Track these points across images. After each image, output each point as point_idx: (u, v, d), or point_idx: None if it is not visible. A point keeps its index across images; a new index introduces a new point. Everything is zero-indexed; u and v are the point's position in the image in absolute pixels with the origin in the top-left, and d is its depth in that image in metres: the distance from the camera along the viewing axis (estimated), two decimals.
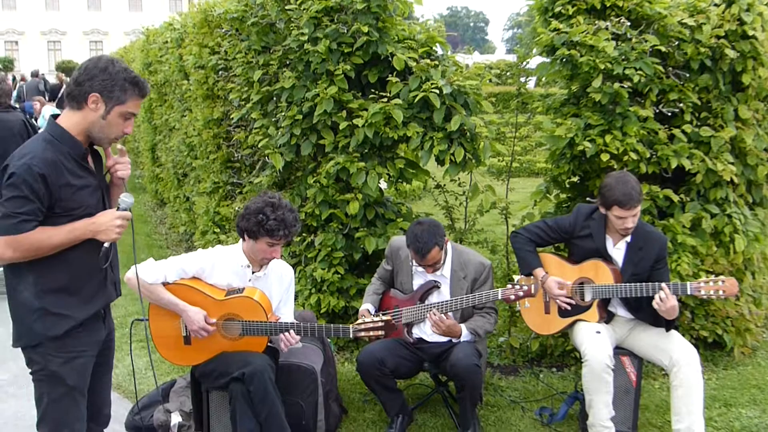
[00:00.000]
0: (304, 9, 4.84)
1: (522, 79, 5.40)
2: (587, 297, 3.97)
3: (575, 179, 4.98)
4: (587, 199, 4.68)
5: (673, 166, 4.59)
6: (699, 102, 4.76)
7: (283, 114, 5.04)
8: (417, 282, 4.16)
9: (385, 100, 4.63)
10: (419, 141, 4.62)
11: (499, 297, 3.94)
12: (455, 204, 5.46)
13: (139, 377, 4.83)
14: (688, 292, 3.69)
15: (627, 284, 3.81)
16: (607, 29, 4.53)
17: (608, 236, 3.96)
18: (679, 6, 4.77)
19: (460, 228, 5.43)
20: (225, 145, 6.53)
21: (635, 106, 4.57)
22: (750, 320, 5.10)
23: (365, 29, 4.66)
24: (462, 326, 4.01)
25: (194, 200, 7.46)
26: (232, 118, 5.97)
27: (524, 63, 5.34)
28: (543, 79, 5.15)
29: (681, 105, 4.70)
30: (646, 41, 4.54)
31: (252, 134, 5.45)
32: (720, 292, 3.67)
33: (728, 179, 4.68)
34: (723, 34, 4.65)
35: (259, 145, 5.29)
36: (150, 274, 3.52)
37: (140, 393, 4.41)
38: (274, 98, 5.28)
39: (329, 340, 4.44)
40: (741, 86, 4.81)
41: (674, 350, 3.80)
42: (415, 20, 5.46)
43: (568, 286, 3.99)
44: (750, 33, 4.63)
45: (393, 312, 4.12)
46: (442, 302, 4.03)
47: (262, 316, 3.59)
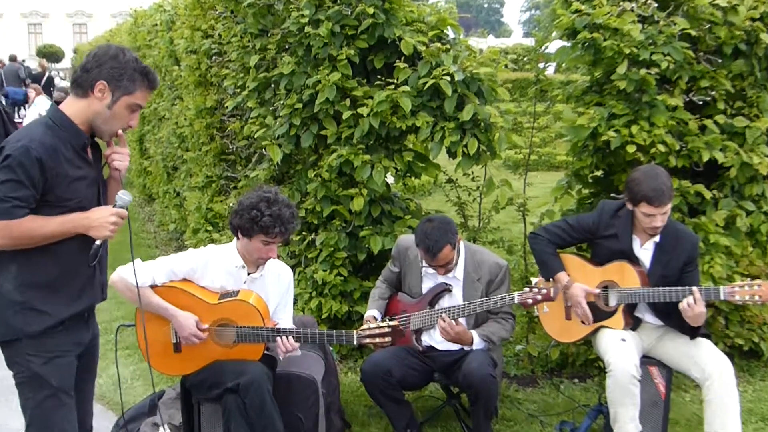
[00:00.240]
0: None
1: (540, 65, 5.41)
2: (612, 302, 3.96)
3: (599, 173, 4.97)
4: (612, 195, 4.66)
5: (705, 160, 4.58)
6: (732, 90, 4.75)
7: (282, 102, 5.05)
8: (427, 285, 4.16)
9: (392, 88, 4.63)
10: (429, 132, 4.62)
11: (516, 301, 3.92)
12: (468, 200, 5.47)
13: (125, 387, 4.85)
14: (722, 297, 3.68)
15: (655, 288, 3.81)
16: (633, 11, 4.52)
17: (635, 236, 3.96)
18: None
19: (474, 226, 5.43)
20: (219, 136, 6.55)
21: (663, 95, 4.57)
22: None
23: (370, 11, 4.67)
24: (473, 333, 4.01)
25: (185, 196, 7.46)
26: (227, 107, 5.99)
27: (543, 47, 5.35)
28: (563, 65, 5.11)
29: (713, 93, 4.69)
30: (675, 24, 4.53)
31: (248, 124, 5.46)
32: (756, 298, 3.64)
33: (765, 173, 4.67)
34: (758, 17, 4.64)
35: (256, 136, 5.30)
36: (137, 276, 3.52)
37: (126, 405, 4.41)
38: (272, 85, 5.28)
39: (331, 348, 4.44)
40: None
41: (707, 361, 3.78)
42: (425, 1, 5.47)
43: (595, 295, 3.98)
44: None
45: (400, 317, 4.11)
46: (454, 307, 4.02)
47: (259, 322, 3.58)
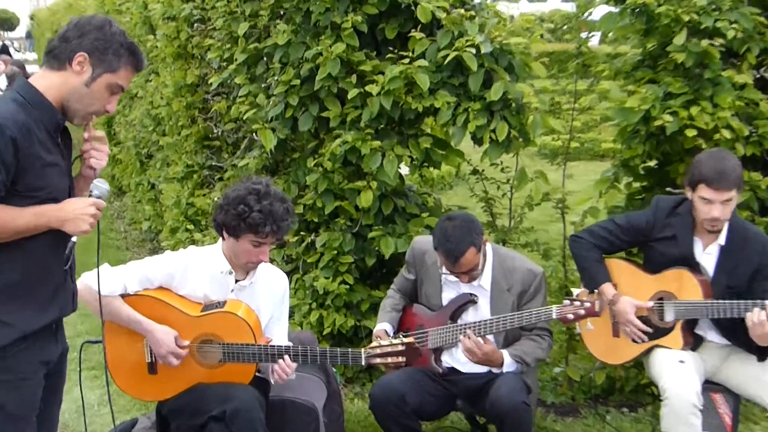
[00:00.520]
0: None
1: (583, 35, 5.39)
2: (668, 317, 3.93)
3: (652, 164, 4.96)
4: (668, 190, 4.65)
5: None
6: None
7: (276, 79, 5.07)
8: (447, 295, 4.14)
9: (407, 62, 4.62)
10: (450, 114, 4.62)
11: (554, 316, 3.90)
12: (497, 195, 5.46)
13: (91, 414, 4.83)
14: None
15: (719, 302, 3.78)
16: None
17: (696, 238, 3.93)
18: None
19: (504, 226, 5.43)
20: (201, 118, 6.62)
21: (729, 70, 4.54)
22: None
23: None
24: (504, 352, 3.99)
25: (161, 188, 7.58)
26: (211, 84, 6.05)
27: (586, 14, 5.35)
28: (610, 35, 5.20)
29: None
30: None
31: (236, 104, 5.48)
32: None
33: None
34: None
35: (245, 119, 5.35)
36: (105, 284, 3.43)
37: None
38: (265, 58, 5.31)
39: (334, 369, 4.43)
40: None
41: None
42: None
43: (648, 309, 3.94)
44: None
45: (417, 333, 4.10)
46: (481, 321, 4.00)
47: (249, 338, 3.58)
